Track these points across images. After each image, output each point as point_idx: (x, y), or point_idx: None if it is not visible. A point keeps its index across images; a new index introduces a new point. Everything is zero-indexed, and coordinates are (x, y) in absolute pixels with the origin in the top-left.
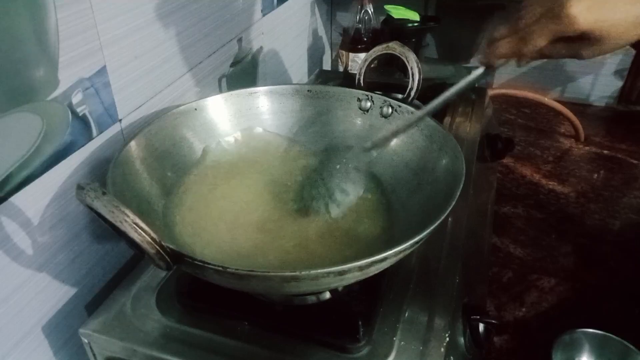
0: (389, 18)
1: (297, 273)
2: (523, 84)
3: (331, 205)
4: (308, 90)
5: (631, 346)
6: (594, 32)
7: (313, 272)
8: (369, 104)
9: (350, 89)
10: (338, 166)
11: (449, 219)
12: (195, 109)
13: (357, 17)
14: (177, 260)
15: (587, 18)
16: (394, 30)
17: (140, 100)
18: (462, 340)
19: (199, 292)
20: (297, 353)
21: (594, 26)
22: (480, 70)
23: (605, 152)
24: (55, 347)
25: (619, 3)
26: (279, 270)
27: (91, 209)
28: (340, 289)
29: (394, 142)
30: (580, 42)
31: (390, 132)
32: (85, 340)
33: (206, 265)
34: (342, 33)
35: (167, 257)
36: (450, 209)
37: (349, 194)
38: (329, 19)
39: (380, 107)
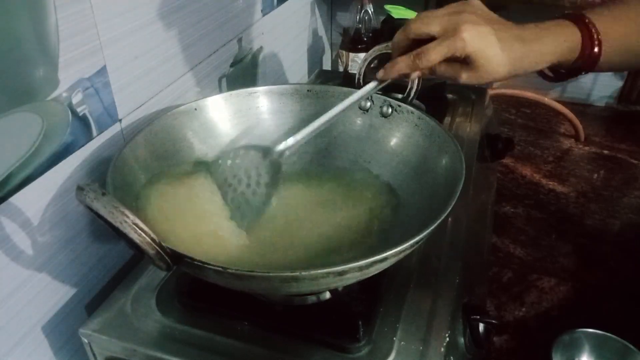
0: (389, 18)
1: (297, 273)
2: (523, 84)
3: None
4: (308, 90)
5: (631, 346)
6: (475, 58)
7: (313, 272)
8: (368, 103)
9: (350, 89)
10: (248, 171)
11: (449, 219)
12: (195, 109)
13: (357, 17)
14: (177, 260)
15: (473, 44)
16: (394, 30)
17: (140, 100)
18: (462, 340)
19: (199, 292)
20: (297, 353)
21: (476, 52)
22: (374, 84)
23: (605, 152)
24: (55, 347)
25: (496, 43)
26: (279, 270)
27: (91, 209)
28: (340, 289)
29: (394, 142)
30: (463, 66)
31: (301, 136)
32: (85, 340)
33: (206, 265)
34: (342, 33)
35: (167, 257)
36: (450, 209)
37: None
38: (329, 19)
39: (380, 107)
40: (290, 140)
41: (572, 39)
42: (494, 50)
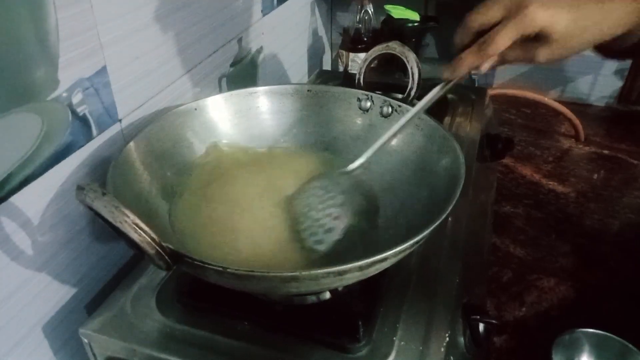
0: (389, 18)
1: (297, 273)
2: (523, 84)
3: (322, 240)
4: (308, 90)
5: (631, 346)
6: (550, 32)
7: (313, 272)
8: (369, 103)
9: (350, 89)
10: (322, 197)
11: (449, 219)
12: (196, 109)
13: (357, 17)
14: (177, 260)
15: (544, 16)
16: (394, 30)
17: (141, 100)
18: (462, 340)
19: (199, 292)
20: (297, 353)
21: (549, 24)
22: (440, 86)
23: (605, 152)
24: (55, 347)
25: (572, 8)
26: (279, 270)
27: (91, 209)
28: (340, 288)
29: (394, 142)
30: (537, 44)
31: (372, 150)
32: (85, 340)
33: (206, 265)
34: (342, 33)
35: (167, 257)
36: (450, 209)
37: (338, 218)
38: (329, 19)
39: (380, 107)
40: (361, 160)
41: None
42: (568, 19)
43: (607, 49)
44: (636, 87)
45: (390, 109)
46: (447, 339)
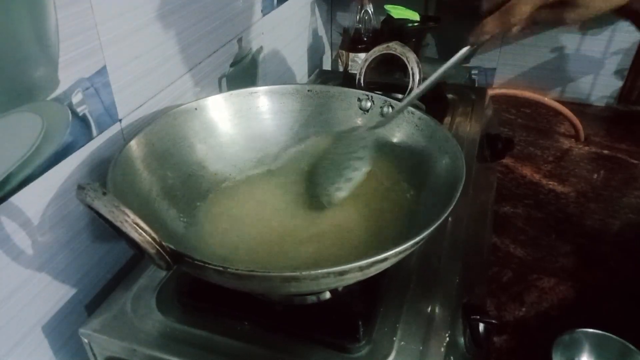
0: (389, 18)
1: (297, 273)
2: (523, 84)
3: (341, 186)
4: (308, 90)
5: (631, 346)
6: None
7: (313, 272)
8: (369, 103)
9: (351, 89)
10: (350, 147)
11: (449, 219)
12: (196, 109)
13: (357, 17)
14: (177, 260)
15: None
16: (394, 30)
17: (141, 100)
18: (462, 340)
19: (199, 292)
20: (297, 353)
21: None
22: (466, 48)
23: (605, 152)
24: (55, 347)
25: None
26: (279, 270)
27: (91, 209)
28: (340, 288)
29: (394, 141)
30: (564, 7)
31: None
32: (85, 340)
33: (206, 265)
34: (342, 33)
35: (167, 257)
36: (450, 209)
37: (357, 169)
38: (329, 19)
39: (381, 107)
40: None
41: None
42: None
43: (625, 9)
44: (636, 87)
45: (390, 109)
46: (447, 339)
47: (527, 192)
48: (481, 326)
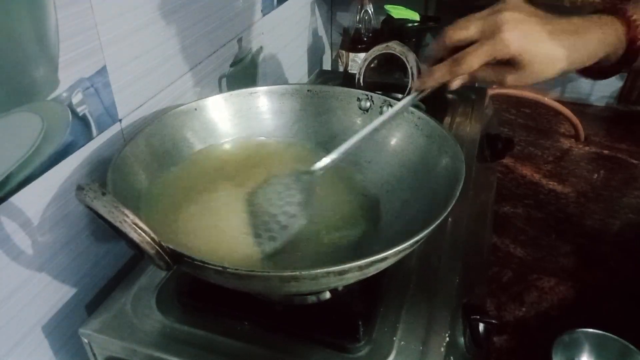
0: (389, 18)
1: (297, 273)
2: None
3: (275, 237)
4: (308, 90)
5: (631, 346)
6: (521, 59)
7: (313, 272)
8: (368, 103)
9: (350, 89)
10: (280, 193)
11: (449, 219)
12: (196, 109)
13: (357, 17)
14: (177, 260)
15: (517, 43)
16: (394, 30)
17: (141, 100)
18: (462, 340)
19: (199, 292)
20: (297, 353)
21: (522, 52)
22: (412, 95)
23: (605, 152)
24: (55, 347)
25: (545, 38)
26: (279, 270)
27: (91, 209)
28: (340, 288)
29: (394, 142)
30: (507, 68)
31: (337, 154)
32: (85, 340)
33: (206, 265)
34: (342, 33)
35: (166, 257)
36: (450, 208)
37: (293, 222)
38: (329, 19)
39: (380, 107)
40: (326, 160)
41: (618, 31)
42: (541, 48)
43: (586, 71)
44: (636, 87)
45: (389, 109)
46: (447, 339)
47: (527, 192)
48: (481, 326)
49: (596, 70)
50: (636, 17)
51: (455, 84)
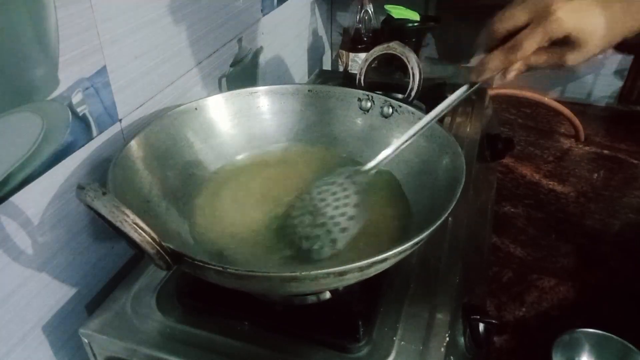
0: (389, 18)
1: (297, 273)
2: (523, 84)
3: (336, 239)
4: (309, 90)
5: (631, 346)
6: (577, 35)
7: (313, 272)
8: (369, 104)
9: (351, 89)
10: (337, 194)
11: (449, 219)
12: (196, 109)
13: (357, 17)
14: (177, 260)
15: (571, 20)
16: (394, 30)
17: (141, 100)
18: (462, 340)
19: (199, 292)
20: (297, 353)
21: (577, 27)
22: (465, 87)
23: (605, 152)
24: (55, 347)
25: (598, 10)
26: (279, 270)
27: (91, 208)
28: (340, 289)
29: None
30: (565, 47)
31: (391, 150)
32: (85, 340)
33: (206, 265)
34: (342, 33)
35: (167, 257)
36: (450, 209)
37: (355, 219)
38: (329, 19)
39: (381, 107)
40: (380, 157)
41: None
42: (595, 20)
43: (622, 44)
44: (636, 87)
45: (390, 109)
46: (447, 339)
47: (527, 192)
48: (481, 326)
49: (629, 43)
50: None
51: (511, 75)
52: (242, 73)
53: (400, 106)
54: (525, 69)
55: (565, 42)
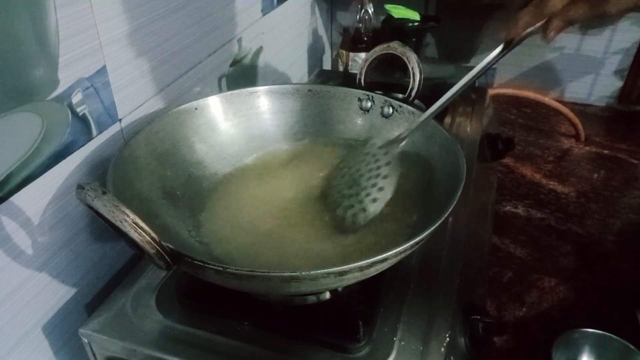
0: (389, 17)
1: (297, 273)
2: (523, 84)
3: (368, 206)
4: (309, 90)
5: (631, 346)
6: None
7: (313, 272)
8: (369, 103)
9: (351, 89)
10: (370, 165)
11: (449, 219)
12: (196, 109)
13: (357, 17)
14: (176, 260)
15: None
16: (394, 29)
17: (140, 99)
18: (462, 340)
19: (199, 292)
20: (297, 353)
21: None
22: (499, 48)
23: (606, 152)
24: (55, 347)
25: None
26: (279, 270)
27: (91, 208)
28: (340, 289)
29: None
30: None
31: (424, 118)
32: (85, 340)
33: (206, 265)
34: (342, 33)
35: (166, 256)
36: (450, 209)
37: (385, 190)
38: (329, 18)
39: (381, 107)
40: (413, 126)
41: None
42: None
43: None
44: (636, 87)
45: (391, 109)
46: (447, 339)
47: (528, 192)
48: (481, 326)
49: None
50: None
51: (552, 34)
52: (242, 73)
53: (400, 106)
54: (566, 25)
55: None
